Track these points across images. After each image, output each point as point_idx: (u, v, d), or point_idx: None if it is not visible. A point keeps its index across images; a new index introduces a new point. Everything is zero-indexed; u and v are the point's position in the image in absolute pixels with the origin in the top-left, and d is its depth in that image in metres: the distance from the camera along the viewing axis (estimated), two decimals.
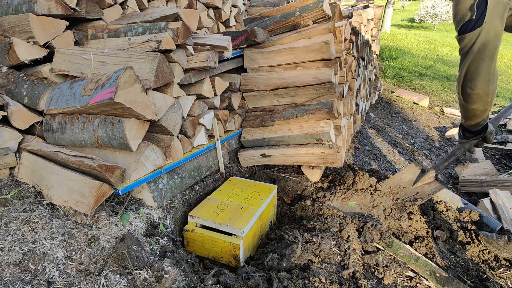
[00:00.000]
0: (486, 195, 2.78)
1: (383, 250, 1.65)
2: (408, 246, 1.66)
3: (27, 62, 1.74)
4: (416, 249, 1.85)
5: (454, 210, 2.33)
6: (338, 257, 1.57)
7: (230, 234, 1.69)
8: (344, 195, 2.09)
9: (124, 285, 1.27)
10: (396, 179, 2.27)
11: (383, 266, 1.58)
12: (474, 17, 1.17)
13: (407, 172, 2.27)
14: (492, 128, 1.75)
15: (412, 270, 1.61)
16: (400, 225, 1.97)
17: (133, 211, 1.64)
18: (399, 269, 1.61)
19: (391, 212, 2.02)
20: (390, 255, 1.63)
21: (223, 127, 2.23)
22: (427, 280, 1.55)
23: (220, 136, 2.17)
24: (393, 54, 9.38)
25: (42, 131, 1.73)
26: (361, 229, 1.72)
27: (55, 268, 1.26)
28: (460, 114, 1.87)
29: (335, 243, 1.59)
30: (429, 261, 1.61)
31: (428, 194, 2.11)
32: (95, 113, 1.55)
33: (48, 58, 1.81)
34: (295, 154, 2.30)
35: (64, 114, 1.65)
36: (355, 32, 2.84)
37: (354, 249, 1.60)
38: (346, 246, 1.57)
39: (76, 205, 1.41)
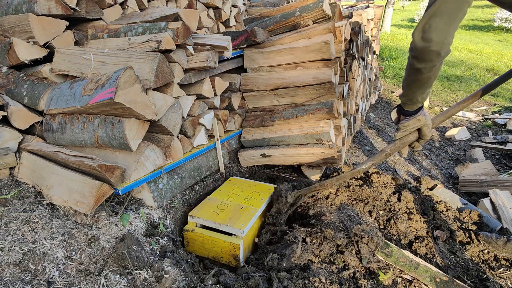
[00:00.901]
0: (486, 195, 2.78)
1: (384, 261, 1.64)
2: (407, 253, 1.65)
3: (27, 62, 1.74)
4: (416, 250, 1.85)
5: (454, 210, 2.33)
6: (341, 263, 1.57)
7: (230, 234, 1.69)
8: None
9: (124, 285, 1.27)
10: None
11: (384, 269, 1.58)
12: None
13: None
14: (429, 122, 1.56)
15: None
16: (398, 227, 1.97)
17: (133, 211, 1.64)
18: (398, 271, 1.61)
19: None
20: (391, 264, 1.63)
21: (223, 127, 2.23)
22: (426, 286, 1.56)
23: (220, 136, 2.17)
24: (393, 54, 9.38)
25: (42, 131, 1.73)
26: (358, 249, 1.65)
27: (55, 268, 1.26)
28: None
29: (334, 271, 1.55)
30: (429, 266, 1.60)
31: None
32: (95, 113, 1.55)
33: (48, 58, 1.81)
34: (295, 154, 2.29)
35: (64, 114, 1.65)
36: (355, 32, 2.84)
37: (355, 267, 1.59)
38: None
39: (76, 205, 1.41)
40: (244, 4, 4.30)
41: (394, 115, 1.66)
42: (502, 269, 1.84)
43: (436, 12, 1.25)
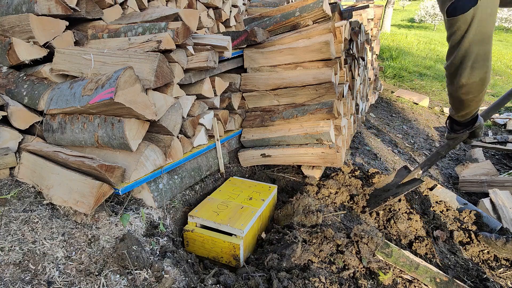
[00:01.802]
0: (486, 195, 2.78)
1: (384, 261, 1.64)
2: (407, 253, 1.65)
3: (27, 62, 1.74)
4: (416, 250, 1.85)
5: (454, 210, 2.33)
6: (340, 262, 1.57)
7: (230, 234, 1.69)
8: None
9: (124, 285, 1.27)
10: (384, 182, 2.28)
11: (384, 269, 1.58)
12: None
13: (397, 176, 2.25)
14: (482, 122, 1.62)
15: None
16: (398, 227, 1.97)
17: (133, 211, 1.64)
18: (398, 271, 1.61)
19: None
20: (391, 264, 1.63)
21: (223, 127, 2.23)
22: (426, 286, 1.56)
23: (220, 136, 2.17)
24: (393, 54, 9.38)
25: (42, 131, 1.73)
26: (358, 249, 1.67)
27: (55, 268, 1.26)
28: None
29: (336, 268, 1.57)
30: (429, 266, 1.60)
31: (403, 192, 2.07)
32: (95, 113, 1.55)
33: (48, 58, 1.81)
34: (295, 154, 2.30)
35: (64, 114, 1.65)
36: (355, 32, 2.84)
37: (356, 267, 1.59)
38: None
39: (76, 205, 1.41)
40: (244, 4, 4.30)
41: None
42: (502, 269, 1.84)
43: (473, 42, 1.05)
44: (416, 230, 2.00)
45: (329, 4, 2.42)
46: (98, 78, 1.50)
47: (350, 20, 2.68)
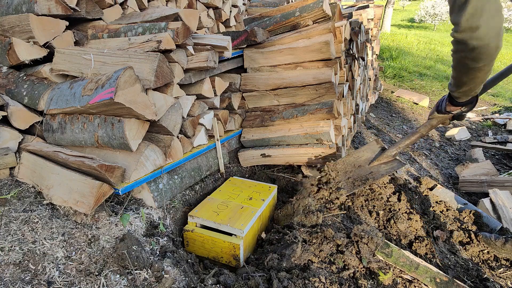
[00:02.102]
0: (486, 195, 2.78)
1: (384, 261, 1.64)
2: (407, 253, 1.65)
3: (27, 62, 1.74)
4: (416, 250, 1.85)
5: (454, 210, 2.33)
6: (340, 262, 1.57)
7: (230, 234, 1.69)
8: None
9: (124, 285, 1.27)
10: (353, 157, 2.14)
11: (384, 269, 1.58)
12: None
13: (366, 150, 2.12)
14: (474, 105, 1.55)
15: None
16: (398, 227, 1.97)
17: (133, 211, 1.64)
18: (398, 271, 1.61)
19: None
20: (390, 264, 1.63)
21: (223, 127, 2.23)
22: (426, 286, 1.56)
23: (220, 136, 2.17)
24: (393, 54, 9.38)
25: (42, 131, 1.73)
26: (358, 249, 1.66)
27: (55, 268, 1.26)
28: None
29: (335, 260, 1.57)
30: (429, 266, 1.60)
31: (381, 174, 1.97)
32: (95, 113, 1.55)
33: (48, 58, 1.81)
34: (295, 154, 2.29)
35: (64, 114, 1.65)
36: (355, 32, 2.84)
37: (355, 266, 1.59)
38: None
39: (76, 205, 1.41)
40: (244, 4, 4.30)
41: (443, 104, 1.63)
42: (502, 269, 1.84)
43: None
44: (416, 230, 2.00)
45: (329, 4, 2.42)
46: (98, 78, 1.50)
47: (350, 20, 2.68)
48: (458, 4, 1.12)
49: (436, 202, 2.41)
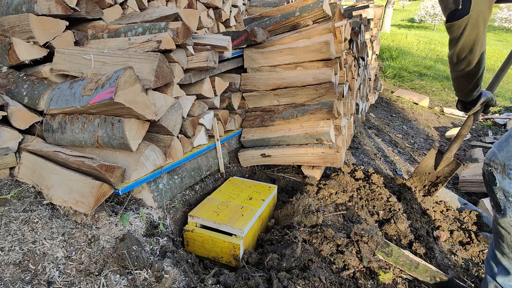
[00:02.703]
0: (486, 195, 2.78)
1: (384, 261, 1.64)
2: (407, 252, 1.65)
3: (27, 62, 1.74)
4: (416, 249, 1.85)
5: (454, 210, 2.34)
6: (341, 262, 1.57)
7: (230, 234, 1.69)
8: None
9: (124, 285, 1.27)
10: (422, 167, 2.44)
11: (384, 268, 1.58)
12: (460, 7, 1.22)
13: (430, 158, 2.41)
14: (490, 95, 1.80)
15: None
16: (398, 227, 1.97)
17: (133, 211, 1.64)
18: (398, 270, 1.61)
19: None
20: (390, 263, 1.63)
21: (223, 127, 2.23)
22: (426, 286, 1.56)
23: (220, 136, 2.17)
24: (393, 54, 9.38)
25: (42, 131, 1.73)
26: (358, 249, 1.67)
27: (55, 268, 1.26)
28: (459, 114, 1.92)
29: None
30: (429, 265, 1.60)
31: (445, 177, 2.30)
32: (95, 113, 1.55)
33: (48, 58, 1.81)
34: (295, 154, 2.30)
35: (64, 114, 1.65)
36: (355, 32, 2.84)
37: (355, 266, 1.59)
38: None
39: (76, 205, 1.41)
40: (244, 4, 4.30)
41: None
42: None
43: (466, 42, 1.27)
44: (416, 230, 2.00)
45: (329, 4, 2.42)
46: (98, 78, 1.50)
47: (350, 20, 2.68)
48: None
49: (436, 202, 2.41)
